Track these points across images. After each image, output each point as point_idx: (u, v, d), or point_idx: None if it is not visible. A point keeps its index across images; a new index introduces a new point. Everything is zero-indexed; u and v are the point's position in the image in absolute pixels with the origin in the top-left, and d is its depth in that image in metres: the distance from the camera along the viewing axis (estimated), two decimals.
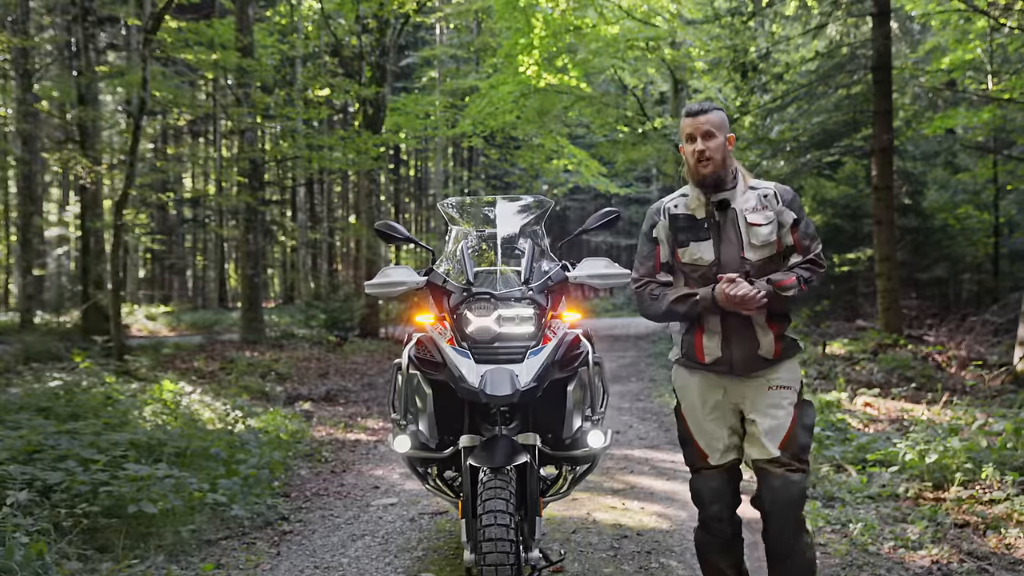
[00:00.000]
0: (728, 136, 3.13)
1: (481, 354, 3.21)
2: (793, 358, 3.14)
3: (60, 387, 6.81)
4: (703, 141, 3.09)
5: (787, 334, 3.11)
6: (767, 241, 3.09)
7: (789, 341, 3.12)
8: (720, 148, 3.10)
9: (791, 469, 2.99)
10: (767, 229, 3.09)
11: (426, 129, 22.14)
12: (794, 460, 2.99)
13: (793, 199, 3.15)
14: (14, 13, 19.29)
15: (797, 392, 3.10)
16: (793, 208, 3.13)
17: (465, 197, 4.25)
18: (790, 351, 3.13)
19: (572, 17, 17.00)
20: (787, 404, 3.06)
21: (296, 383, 11.24)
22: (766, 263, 3.10)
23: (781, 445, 3.00)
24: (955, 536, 4.35)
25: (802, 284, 3.02)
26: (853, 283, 19.77)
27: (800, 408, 3.08)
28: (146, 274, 39.26)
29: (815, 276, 3.08)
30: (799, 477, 2.99)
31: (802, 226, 3.13)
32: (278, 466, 6.03)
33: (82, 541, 3.99)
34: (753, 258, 3.10)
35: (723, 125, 3.12)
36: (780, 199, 3.14)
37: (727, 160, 3.13)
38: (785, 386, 3.08)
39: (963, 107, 16.01)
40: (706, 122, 3.10)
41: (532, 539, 3.20)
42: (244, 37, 15.09)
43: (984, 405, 7.96)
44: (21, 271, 20.85)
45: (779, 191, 3.15)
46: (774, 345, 3.08)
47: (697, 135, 3.10)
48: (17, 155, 18.97)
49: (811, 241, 3.13)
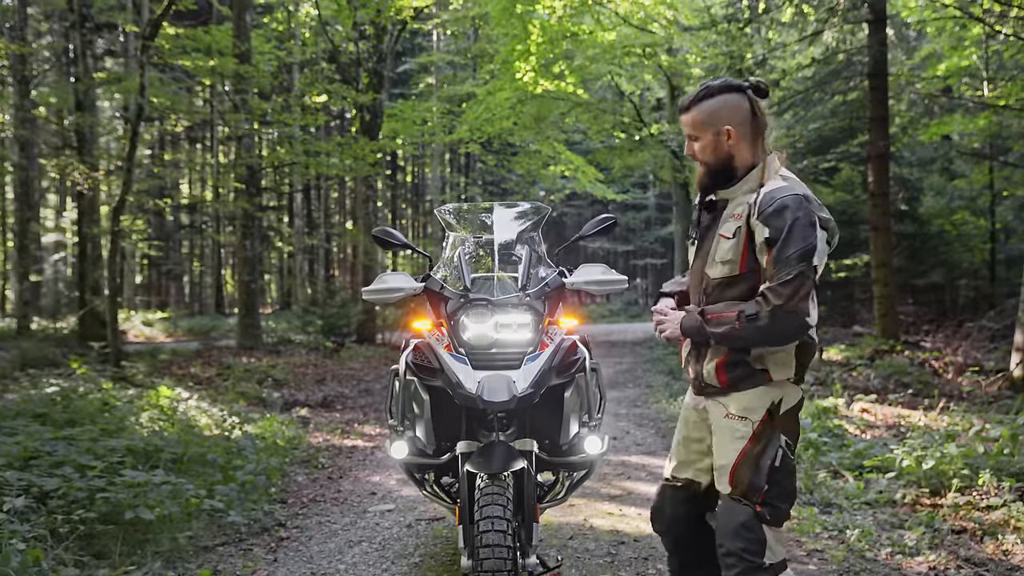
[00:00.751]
0: (724, 129, 2.64)
1: (478, 360, 3.21)
2: (755, 388, 2.66)
3: (57, 393, 6.80)
4: (688, 144, 2.75)
5: (748, 363, 2.65)
6: (725, 258, 2.65)
7: (747, 371, 2.66)
8: (710, 148, 2.67)
9: (736, 499, 2.67)
10: (728, 244, 2.64)
11: (423, 135, 22.17)
12: (743, 498, 2.65)
13: (776, 211, 2.51)
14: (12, 19, 19.32)
15: (756, 423, 2.64)
16: (770, 223, 2.52)
17: (462, 203, 4.26)
18: (746, 383, 2.66)
19: (569, 23, 17.03)
20: (736, 438, 2.65)
21: (293, 389, 11.23)
22: (725, 284, 2.67)
23: (729, 482, 2.67)
24: (952, 542, 4.35)
25: (739, 320, 2.55)
26: (850, 289, 19.84)
27: (755, 442, 2.64)
28: (143, 280, 39.25)
29: (760, 312, 2.51)
30: (741, 508, 2.64)
31: (777, 247, 2.50)
32: (275, 472, 6.02)
33: (79, 547, 3.98)
34: (712, 275, 2.70)
35: (714, 118, 2.64)
36: (758, 209, 2.56)
37: (733, 156, 2.66)
38: (739, 416, 2.66)
39: (959, 113, 16.08)
40: (687, 123, 2.71)
41: (529, 545, 3.20)
42: (241, 43, 15.11)
43: (981, 411, 7.98)
44: (18, 277, 20.82)
45: (763, 199, 2.56)
46: (717, 373, 2.70)
47: (686, 136, 2.76)
48: (15, 161, 18.99)
49: (779, 269, 2.50)
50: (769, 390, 2.66)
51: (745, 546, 2.59)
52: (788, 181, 2.62)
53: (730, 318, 2.57)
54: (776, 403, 2.66)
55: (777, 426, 2.66)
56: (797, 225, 2.49)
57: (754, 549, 2.60)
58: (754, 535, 2.60)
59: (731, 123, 2.64)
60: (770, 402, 2.65)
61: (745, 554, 2.59)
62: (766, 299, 2.51)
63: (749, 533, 2.60)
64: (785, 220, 2.50)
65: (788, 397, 2.67)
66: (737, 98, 2.65)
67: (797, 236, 2.49)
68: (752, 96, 2.67)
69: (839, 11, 13.44)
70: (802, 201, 2.53)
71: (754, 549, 2.60)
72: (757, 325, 2.51)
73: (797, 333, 2.55)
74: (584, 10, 17.12)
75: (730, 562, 2.62)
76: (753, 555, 2.59)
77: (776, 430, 2.66)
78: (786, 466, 2.68)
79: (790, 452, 2.69)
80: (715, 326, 2.61)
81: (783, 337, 2.57)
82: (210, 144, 33.35)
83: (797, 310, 2.49)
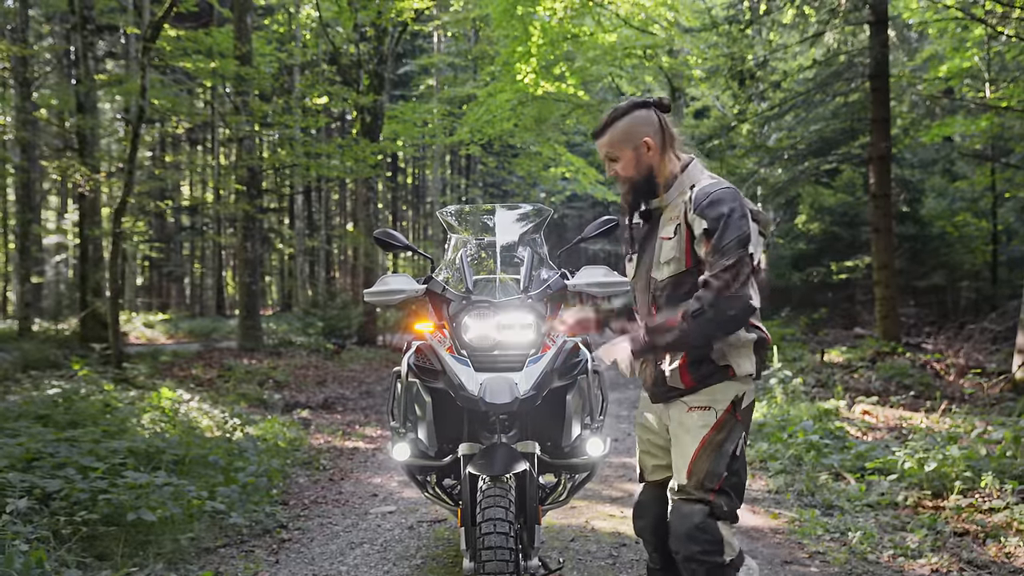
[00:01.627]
0: (643, 141, 2.72)
1: (480, 362, 3.21)
2: (720, 383, 2.69)
3: (59, 395, 6.81)
4: (609, 166, 2.82)
5: (712, 360, 2.68)
6: (669, 257, 2.70)
7: (711, 368, 2.69)
8: (632, 163, 2.75)
9: (687, 499, 2.65)
10: (671, 243, 2.69)
11: (424, 137, 22.21)
12: (697, 489, 2.63)
13: (711, 203, 2.59)
14: (13, 22, 19.35)
15: (720, 412, 2.67)
16: (707, 216, 2.59)
17: (464, 205, 4.26)
18: (712, 379, 2.69)
19: (570, 25, 17.05)
20: (699, 427, 2.67)
21: (294, 391, 11.23)
22: (673, 283, 2.70)
23: (687, 474, 2.65)
24: (955, 545, 4.35)
25: (685, 320, 2.57)
26: (851, 291, 19.83)
27: (717, 431, 2.66)
28: (144, 282, 39.28)
29: (704, 302, 2.54)
30: (693, 508, 2.61)
31: (715, 237, 2.57)
32: (276, 474, 6.02)
33: (81, 549, 3.98)
34: (659, 277, 2.74)
35: (630, 134, 2.73)
36: (694, 204, 2.63)
37: (653, 167, 2.75)
38: (702, 407, 2.69)
39: (961, 115, 16.07)
40: (604, 144, 2.79)
41: (531, 547, 3.20)
42: (242, 45, 15.12)
43: (983, 413, 7.97)
44: (19, 278, 20.85)
45: (697, 195, 2.64)
46: (681, 375, 2.71)
47: (604, 160, 2.83)
48: (16, 163, 19.00)
49: (719, 256, 2.56)
50: (732, 384, 2.70)
51: (703, 548, 2.58)
52: (716, 179, 2.72)
53: (675, 323, 2.59)
54: (739, 396, 2.70)
55: (739, 418, 2.70)
56: (733, 215, 2.58)
57: (712, 549, 2.59)
58: (709, 535, 2.59)
59: (647, 135, 2.74)
60: (734, 394, 2.70)
61: (704, 556, 2.58)
62: (708, 286, 2.55)
63: (704, 534, 2.59)
64: (721, 211, 2.58)
65: (748, 393, 2.73)
66: (646, 113, 2.76)
67: (733, 225, 2.57)
68: (658, 112, 2.79)
69: (840, 12, 13.44)
70: (735, 194, 2.63)
71: (712, 549, 2.59)
72: (705, 318, 2.55)
73: (744, 315, 2.59)
74: (585, 12, 17.14)
75: (691, 568, 2.60)
76: (712, 555, 2.58)
77: (739, 422, 2.70)
78: (743, 459, 2.73)
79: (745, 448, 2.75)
80: (661, 336, 2.63)
81: (731, 323, 2.59)
82: (211, 146, 33.40)
83: (740, 294, 2.54)
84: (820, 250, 19.45)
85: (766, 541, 4.60)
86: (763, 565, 4.14)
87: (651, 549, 2.97)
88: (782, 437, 6.76)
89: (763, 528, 4.85)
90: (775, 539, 4.64)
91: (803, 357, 12.38)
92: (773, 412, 7.88)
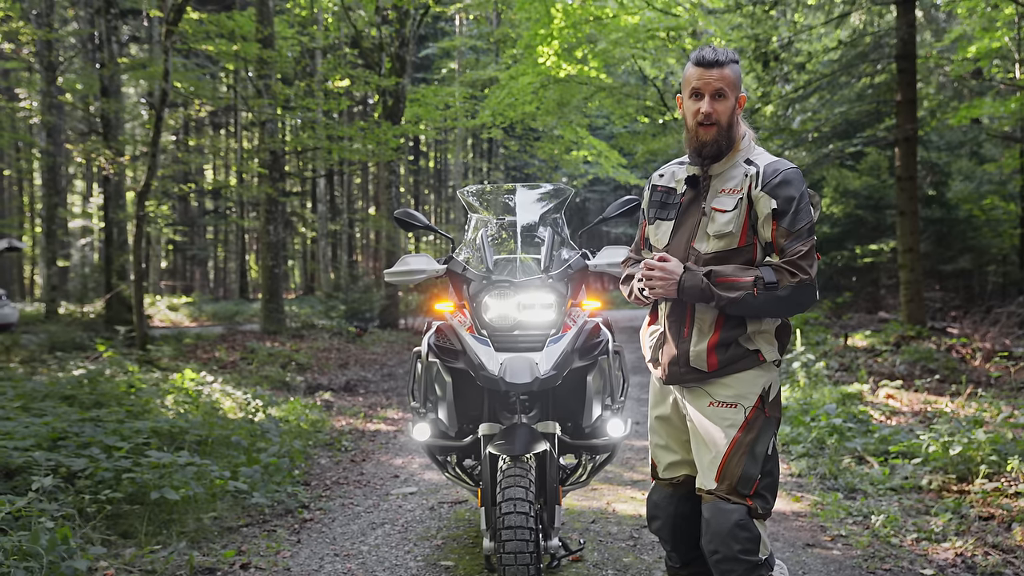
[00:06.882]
0: (739, 96, 2.57)
1: (501, 342, 3.20)
2: (747, 371, 2.56)
3: (84, 376, 6.88)
4: (711, 102, 2.54)
5: (740, 343, 2.55)
6: (723, 232, 2.54)
7: (739, 352, 2.55)
8: (729, 111, 2.55)
9: (723, 497, 2.53)
10: (727, 217, 2.53)
11: (445, 120, 22.15)
12: (731, 494, 2.51)
13: (783, 183, 2.49)
14: (39, 6, 19.47)
15: (748, 409, 2.54)
16: (777, 195, 2.48)
17: (485, 185, 4.24)
18: (739, 364, 2.55)
19: (592, 7, 16.90)
20: (727, 427, 2.53)
21: (316, 373, 11.30)
22: (720, 258, 2.55)
23: (716, 477, 2.53)
24: (979, 529, 4.30)
25: (756, 287, 2.44)
26: (876, 275, 19.66)
27: (747, 431, 2.52)
28: (168, 265, 39.63)
29: (782, 283, 2.43)
30: (733, 507, 2.50)
31: (786, 220, 2.47)
32: (298, 455, 6.06)
33: (105, 526, 4.03)
34: (703, 249, 2.57)
35: (737, 82, 2.55)
36: (761, 181, 2.51)
37: (734, 126, 2.58)
38: (728, 403, 2.54)
39: (989, 96, 15.84)
40: (720, 78, 2.52)
41: (551, 528, 3.20)
42: (264, 29, 15.14)
43: (1009, 397, 7.87)
44: (46, 262, 21.08)
45: (766, 170, 2.52)
46: (707, 355, 2.55)
47: (706, 92, 2.54)
48: (42, 147, 19.19)
49: (793, 241, 2.46)
50: (760, 374, 2.57)
51: (743, 547, 2.48)
52: (775, 157, 2.61)
53: (746, 283, 2.44)
54: (767, 388, 2.57)
55: (768, 413, 2.58)
56: (804, 199, 2.51)
57: (750, 548, 2.50)
58: (749, 533, 2.50)
59: (744, 92, 2.62)
60: (761, 388, 2.56)
61: (743, 555, 2.48)
62: (791, 272, 2.44)
63: (744, 532, 2.49)
64: (791, 193, 2.49)
65: (775, 384, 2.60)
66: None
67: (805, 210, 2.50)
68: None
69: None
70: (801, 176, 2.55)
71: (750, 548, 2.50)
72: (776, 295, 2.44)
73: (810, 304, 2.53)
74: None
75: (726, 568, 2.50)
76: (750, 555, 2.49)
77: (768, 418, 2.57)
78: (776, 456, 2.62)
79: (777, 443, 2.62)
80: (726, 290, 2.46)
81: (798, 308, 2.52)
82: (234, 130, 33.53)
83: (815, 283, 2.48)
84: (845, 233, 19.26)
85: (788, 524, 4.57)
86: (785, 548, 4.12)
87: (669, 548, 2.86)
88: (805, 421, 6.71)
89: (785, 511, 4.82)
90: (797, 522, 4.62)
91: (826, 341, 12.27)
92: (796, 396, 7.83)
